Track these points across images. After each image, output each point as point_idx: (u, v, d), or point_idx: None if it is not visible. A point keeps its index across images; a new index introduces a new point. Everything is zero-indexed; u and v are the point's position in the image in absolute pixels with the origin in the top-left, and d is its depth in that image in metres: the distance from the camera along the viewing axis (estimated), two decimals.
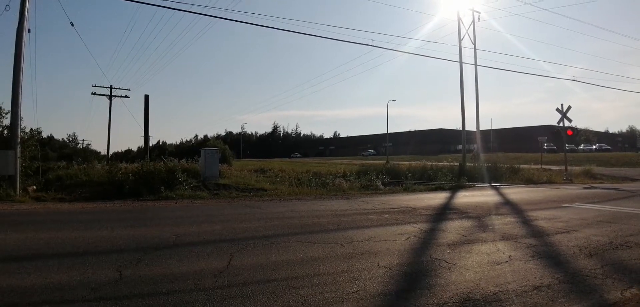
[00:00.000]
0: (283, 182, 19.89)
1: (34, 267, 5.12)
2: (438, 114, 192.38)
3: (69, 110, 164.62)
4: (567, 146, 29.53)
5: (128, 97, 42.48)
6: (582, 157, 39.85)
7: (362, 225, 8.80)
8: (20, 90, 14.58)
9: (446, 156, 51.97)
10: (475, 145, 32.04)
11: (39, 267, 5.13)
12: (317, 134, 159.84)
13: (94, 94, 41.13)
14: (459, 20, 28.50)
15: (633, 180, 25.48)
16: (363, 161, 49.94)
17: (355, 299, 4.16)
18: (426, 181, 22.97)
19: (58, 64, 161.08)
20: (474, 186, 20.41)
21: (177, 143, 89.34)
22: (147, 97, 31.22)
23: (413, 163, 33.00)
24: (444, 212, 10.99)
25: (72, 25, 21.79)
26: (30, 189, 15.07)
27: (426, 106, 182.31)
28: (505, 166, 27.67)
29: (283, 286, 4.54)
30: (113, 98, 41.64)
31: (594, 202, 13.16)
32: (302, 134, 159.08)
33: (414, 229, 8.17)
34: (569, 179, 24.93)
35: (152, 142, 63.18)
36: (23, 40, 14.68)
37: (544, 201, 13.60)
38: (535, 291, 4.40)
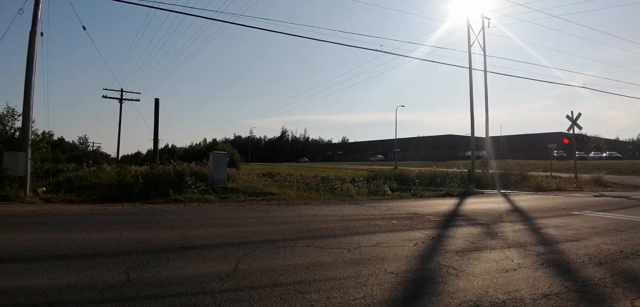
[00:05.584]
0: (291, 187, 19.92)
1: (42, 268, 5.16)
2: (447, 120, 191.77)
3: (80, 112, 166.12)
4: (577, 154, 29.21)
5: (138, 100, 42.93)
6: (592, 164, 39.39)
7: (370, 230, 8.77)
8: (32, 93, 14.76)
9: (455, 162, 51.76)
10: (484, 152, 31.89)
11: (47, 268, 5.16)
12: (326, 138, 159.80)
13: (105, 97, 41.60)
14: (469, 26, 28.50)
15: None
16: (371, 167, 49.96)
17: (362, 305, 4.14)
18: (435, 187, 22.89)
19: (70, 67, 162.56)
20: (482, 193, 20.28)
21: (187, 146, 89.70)
22: (157, 101, 31.55)
23: (422, 169, 33.01)
24: (452, 219, 10.93)
25: (85, 29, 22.13)
26: (40, 190, 15.22)
27: (435, 112, 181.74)
28: (515, 172, 27.49)
29: (290, 290, 4.54)
30: (124, 101, 42.03)
31: (604, 211, 13.00)
32: (310, 139, 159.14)
33: (422, 235, 8.13)
34: (579, 187, 24.69)
35: (162, 145, 63.53)
36: (36, 44, 14.88)
37: (554, 209, 13.48)
38: (544, 299, 4.35)
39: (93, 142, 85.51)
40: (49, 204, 13.19)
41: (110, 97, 41.74)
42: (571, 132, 26.09)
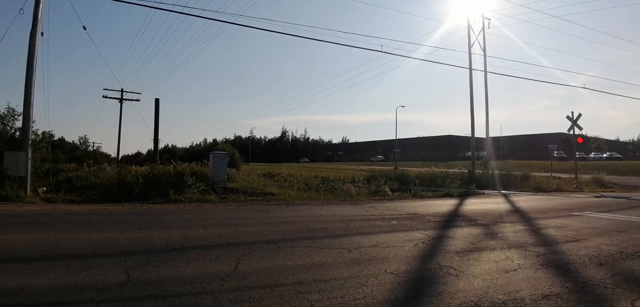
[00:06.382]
0: (291, 187, 19.91)
1: (42, 268, 5.17)
2: (448, 121, 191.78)
3: (81, 112, 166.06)
4: (578, 154, 29.18)
5: (139, 100, 42.93)
6: (592, 165, 39.36)
7: (370, 231, 8.77)
8: (32, 93, 14.76)
9: (456, 162, 51.70)
10: (484, 152, 31.87)
11: (47, 268, 5.17)
12: (326, 139, 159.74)
13: (105, 97, 41.56)
14: (469, 27, 28.47)
15: None
16: (371, 167, 49.91)
17: (362, 305, 4.14)
18: (435, 187, 22.88)
19: (70, 67, 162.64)
20: (483, 194, 20.28)
21: (187, 147, 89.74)
22: (157, 101, 31.69)
23: (422, 169, 32.99)
24: (452, 219, 10.93)
25: (85, 29, 22.17)
26: (40, 190, 15.22)
27: (436, 112, 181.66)
28: (515, 173, 27.49)
29: (290, 290, 4.54)
30: (124, 101, 42.01)
31: (604, 211, 13.00)
32: (310, 139, 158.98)
33: (422, 236, 8.13)
34: (579, 188, 24.69)
35: (162, 145, 63.60)
36: (36, 44, 14.88)
37: (554, 209, 13.48)
38: (544, 300, 4.35)
39: (93, 142, 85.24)
40: (49, 204, 13.20)
41: (111, 97, 41.75)
42: (571, 132, 26.07)
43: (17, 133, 16.25)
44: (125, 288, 4.47)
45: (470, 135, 29.41)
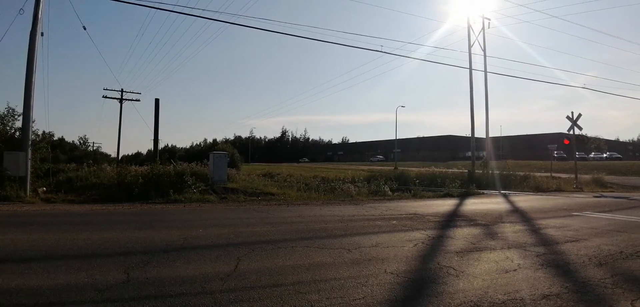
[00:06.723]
0: (291, 187, 19.90)
1: (42, 268, 5.16)
2: (448, 121, 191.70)
3: (80, 113, 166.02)
4: (578, 154, 29.16)
5: (139, 100, 42.91)
6: (592, 165, 39.31)
7: (370, 231, 8.77)
8: (32, 93, 14.76)
9: (456, 162, 51.68)
10: (484, 152, 31.86)
11: (47, 268, 5.17)
12: (326, 139, 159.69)
13: (105, 97, 41.53)
14: (469, 27, 28.46)
15: None
16: (371, 167, 49.87)
17: (362, 305, 4.15)
18: (435, 187, 22.88)
19: (70, 67, 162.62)
20: (483, 194, 20.27)
21: (187, 147, 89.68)
22: (157, 101, 31.70)
23: (422, 170, 32.98)
24: (452, 219, 10.92)
25: (85, 29, 22.17)
26: (40, 190, 15.22)
27: (436, 112, 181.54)
28: (515, 173, 27.48)
29: (290, 290, 4.54)
30: (124, 101, 41.98)
31: (604, 211, 13.00)
32: (310, 139, 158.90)
33: (422, 236, 8.13)
34: (579, 188, 24.69)
35: (162, 145, 63.60)
36: (36, 44, 14.88)
37: (554, 209, 13.47)
38: (544, 300, 4.35)
39: (93, 142, 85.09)
40: (49, 204, 13.19)
41: (111, 97, 41.71)
42: (571, 132, 26.07)
43: (17, 133, 16.25)
44: (125, 288, 4.47)
45: (470, 136, 29.40)
